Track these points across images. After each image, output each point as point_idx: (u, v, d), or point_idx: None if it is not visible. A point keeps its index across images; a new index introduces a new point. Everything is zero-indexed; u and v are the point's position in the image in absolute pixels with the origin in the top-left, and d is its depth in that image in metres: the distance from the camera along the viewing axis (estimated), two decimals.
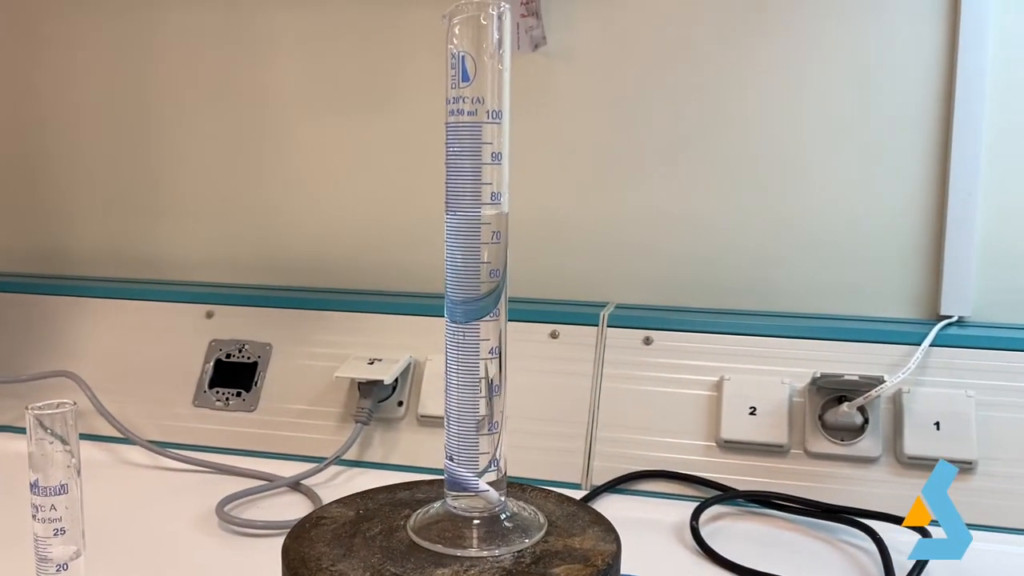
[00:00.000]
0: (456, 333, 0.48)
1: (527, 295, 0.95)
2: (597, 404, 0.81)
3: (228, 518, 0.70)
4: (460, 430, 0.48)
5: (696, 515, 0.69)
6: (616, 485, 0.77)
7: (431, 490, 0.55)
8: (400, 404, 0.84)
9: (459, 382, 0.48)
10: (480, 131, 0.46)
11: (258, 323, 0.92)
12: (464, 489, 0.49)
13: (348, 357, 0.86)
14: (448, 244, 0.47)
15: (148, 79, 1.08)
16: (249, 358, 0.90)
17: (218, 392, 0.89)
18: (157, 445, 0.84)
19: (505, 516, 0.49)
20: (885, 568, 0.62)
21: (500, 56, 0.45)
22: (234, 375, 0.90)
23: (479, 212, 0.46)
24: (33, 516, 0.49)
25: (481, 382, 0.47)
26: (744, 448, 0.76)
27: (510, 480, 0.51)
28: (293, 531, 0.49)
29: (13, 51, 1.12)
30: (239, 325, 0.92)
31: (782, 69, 0.89)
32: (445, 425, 0.49)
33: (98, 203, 1.12)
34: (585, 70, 0.94)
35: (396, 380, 0.84)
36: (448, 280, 0.47)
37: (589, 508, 0.53)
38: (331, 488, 0.78)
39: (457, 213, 0.46)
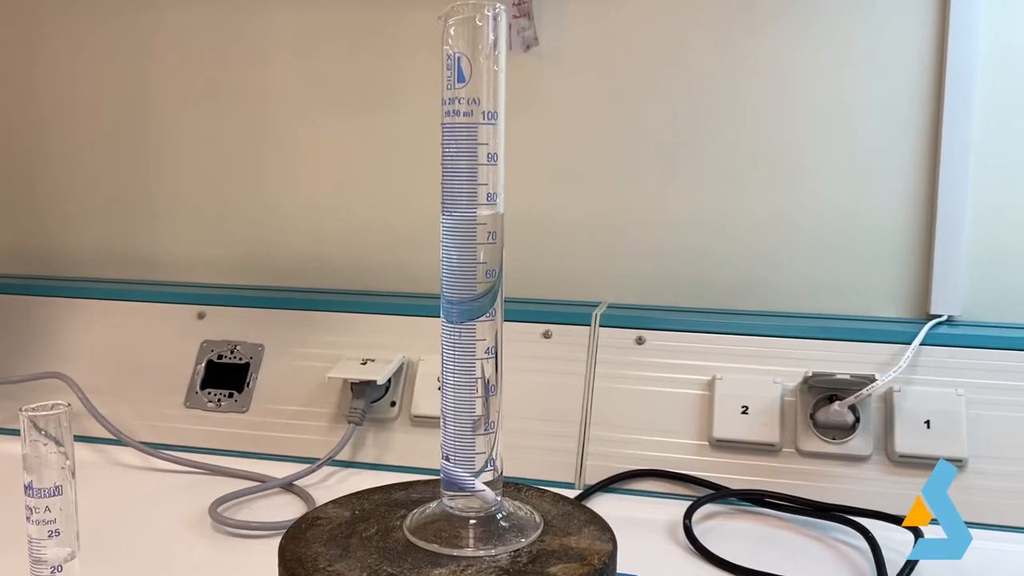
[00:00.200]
0: (452, 333, 0.48)
1: (519, 295, 0.95)
2: (590, 403, 0.81)
3: (221, 519, 0.69)
4: (456, 430, 0.48)
5: (689, 514, 0.69)
6: (609, 484, 0.77)
7: (427, 490, 0.55)
8: (393, 404, 0.84)
9: (455, 382, 0.48)
10: (476, 132, 0.46)
11: (250, 324, 0.91)
12: (460, 489, 0.49)
13: (341, 358, 0.86)
14: (444, 245, 0.47)
15: (143, 79, 1.07)
16: (241, 359, 0.90)
17: (210, 393, 0.89)
18: (149, 446, 0.84)
19: (501, 516, 0.49)
20: (877, 565, 0.62)
21: (496, 57, 0.46)
22: (226, 376, 0.89)
23: (475, 213, 0.46)
24: (27, 518, 0.49)
25: (477, 382, 0.48)
26: (736, 447, 0.77)
27: (504, 480, 0.51)
28: (289, 532, 0.49)
29: (9, 51, 1.11)
30: (231, 326, 0.92)
31: (770, 69, 0.90)
32: (441, 425, 0.49)
33: (92, 204, 1.11)
34: (576, 70, 0.95)
35: (389, 380, 0.84)
36: (444, 280, 0.48)
37: (585, 507, 0.53)
38: (324, 489, 0.77)
39: (453, 214, 0.47)
